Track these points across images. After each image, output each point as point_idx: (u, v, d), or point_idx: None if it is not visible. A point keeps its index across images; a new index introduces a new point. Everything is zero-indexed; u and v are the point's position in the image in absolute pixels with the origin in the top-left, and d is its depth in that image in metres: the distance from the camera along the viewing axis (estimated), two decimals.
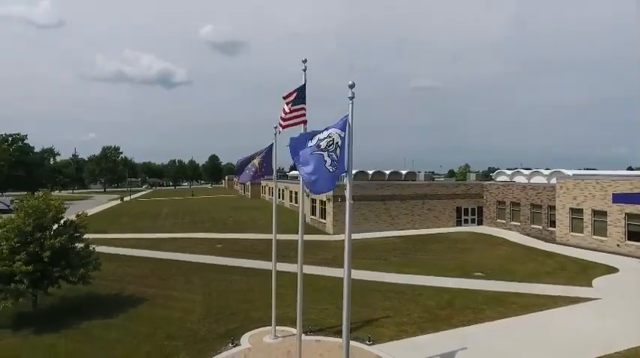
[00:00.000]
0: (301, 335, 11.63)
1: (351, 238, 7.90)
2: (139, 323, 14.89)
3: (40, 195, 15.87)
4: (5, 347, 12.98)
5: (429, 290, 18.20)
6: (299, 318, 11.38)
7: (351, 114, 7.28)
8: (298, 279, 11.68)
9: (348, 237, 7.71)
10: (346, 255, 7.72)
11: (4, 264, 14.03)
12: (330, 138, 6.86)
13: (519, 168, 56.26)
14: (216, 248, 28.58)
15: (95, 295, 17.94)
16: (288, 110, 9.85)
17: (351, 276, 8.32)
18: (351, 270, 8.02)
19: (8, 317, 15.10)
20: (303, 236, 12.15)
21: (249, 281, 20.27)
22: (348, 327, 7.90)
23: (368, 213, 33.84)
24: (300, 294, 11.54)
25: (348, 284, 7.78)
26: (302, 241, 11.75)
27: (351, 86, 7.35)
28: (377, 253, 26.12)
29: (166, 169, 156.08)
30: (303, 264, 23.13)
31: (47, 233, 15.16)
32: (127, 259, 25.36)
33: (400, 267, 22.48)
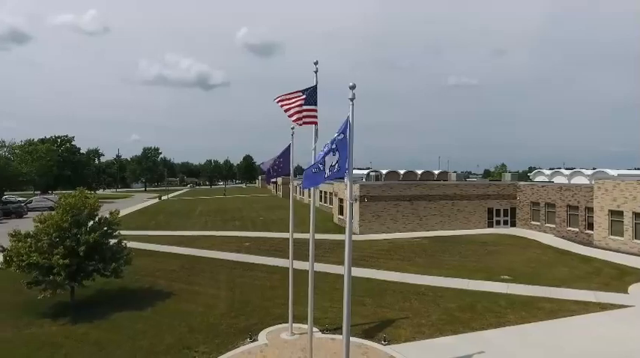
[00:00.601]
0: (312, 332, 11.82)
1: (351, 237, 8.00)
2: (164, 315, 15.61)
3: (76, 193, 16.94)
4: (43, 334, 14.00)
5: (452, 292, 17.91)
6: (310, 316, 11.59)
7: (352, 115, 7.40)
8: (309, 277, 11.90)
9: (349, 237, 7.82)
10: (346, 254, 7.84)
11: (43, 257, 15.10)
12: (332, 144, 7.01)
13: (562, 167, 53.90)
14: (244, 246, 29.30)
15: (128, 288, 18.92)
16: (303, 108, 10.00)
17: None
18: (351, 268, 8.12)
19: (49, 306, 16.24)
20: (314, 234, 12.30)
21: (272, 279, 20.70)
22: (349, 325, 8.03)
23: (395, 214, 33.57)
24: (310, 292, 11.78)
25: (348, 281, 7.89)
26: (313, 239, 11.97)
27: (351, 87, 7.47)
28: (402, 254, 25.90)
29: (203, 169, 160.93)
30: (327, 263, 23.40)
31: (83, 229, 16.16)
32: (159, 255, 26.52)
33: (425, 268, 22.21)
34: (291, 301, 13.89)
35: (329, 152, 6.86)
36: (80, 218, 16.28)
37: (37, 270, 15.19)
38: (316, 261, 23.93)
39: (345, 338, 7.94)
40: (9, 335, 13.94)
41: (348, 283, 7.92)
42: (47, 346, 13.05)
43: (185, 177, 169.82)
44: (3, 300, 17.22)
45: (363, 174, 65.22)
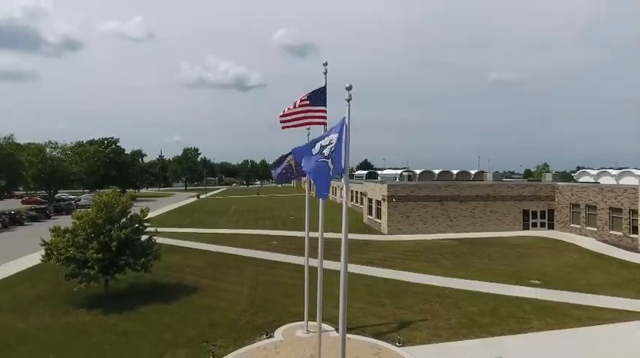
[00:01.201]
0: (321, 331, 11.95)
1: (347, 236, 8.08)
2: (189, 310, 16.28)
3: (109, 192, 18.01)
4: (79, 323, 15.01)
5: (475, 295, 17.45)
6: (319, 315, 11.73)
7: (348, 116, 7.48)
8: (318, 276, 12.05)
9: (345, 236, 7.90)
10: (342, 253, 7.93)
11: (79, 251, 16.20)
12: (331, 145, 7.14)
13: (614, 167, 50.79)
14: (272, 244, 29.85)
15: (158, 283, 19.84)
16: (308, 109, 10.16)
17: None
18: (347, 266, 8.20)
19: (85, 298, 17.36)
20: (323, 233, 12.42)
21: (295, 277, 20.97)
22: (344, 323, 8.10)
23: (424, 214, 32.98)
24: (319, 292, 11.88)
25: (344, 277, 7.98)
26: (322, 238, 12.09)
27: (348, 88, 7.55)
28: (428, 255, 25.46)
29: (240, 169, 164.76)
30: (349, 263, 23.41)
31: (115, 225, 17.17)
32: (190, 251, 27.58)
33: (450, 270, 21.74)
34: (307, 299, 14.08)
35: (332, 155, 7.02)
36: (113, 215, 17.29)
37: (73, 264, 16.31)
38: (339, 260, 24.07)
39: (342, 334, 8.01)
40: (48, 323, 15.06)
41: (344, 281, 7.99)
42: (81, 335, 13.99)
43: (224, 176, 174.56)
44: (44, 291, 18.59)
45: (396, 174, 64.52)
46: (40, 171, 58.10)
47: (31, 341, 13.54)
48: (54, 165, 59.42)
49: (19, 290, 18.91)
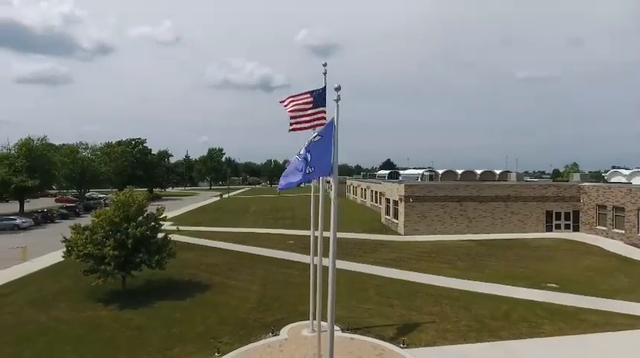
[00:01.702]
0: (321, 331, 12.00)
1: (336, 235, 8.10)
2: (200, 306, 16.67)
3: (126, 191, 18.64)
4: (96, 317, 15.63)
5: (488, 298, 17.09)
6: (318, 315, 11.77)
7: (337, 116, 7.50)
8: (317, 274, 12.07)
9: (333, 234, 7.94)
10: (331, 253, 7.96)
11: (97, 248, 16.86)
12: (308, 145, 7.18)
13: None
14: (288, 243, 30.09)
15: (173, 280, 20.38)
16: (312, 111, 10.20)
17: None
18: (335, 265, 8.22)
19: (104, 293, 18.04)
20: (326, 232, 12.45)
21: (306, 276, 21.04)
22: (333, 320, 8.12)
23: (443, 215, 32.44)
24: (318, 291, 11.90)
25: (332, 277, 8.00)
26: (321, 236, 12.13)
27: (337, 89, 7.59)
28: (444, 257, 25.06)
29: (264, 169, 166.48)
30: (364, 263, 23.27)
31: (131, 223, 17.75)
32: (207, 250, 28.16)
33: (465, 271, 21.35)
34: (312, 299, 14.15)
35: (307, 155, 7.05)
36: (129, 214, 17.88)
37: (92, 260, 16.99)
38: (354, 260, 24.11)
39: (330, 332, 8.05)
40: (68, 317, 15.75)
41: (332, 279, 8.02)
42: (97, 328, 14.57)
43: (248, 176, 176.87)
44: (67, 286, 19.43)
45: (418, 173, 63.82)
46: (71, 171, 60.55)
47: (51, 334, 14.19)
48: (84, 165, 61.80)
49: (43, 285, 19.83)
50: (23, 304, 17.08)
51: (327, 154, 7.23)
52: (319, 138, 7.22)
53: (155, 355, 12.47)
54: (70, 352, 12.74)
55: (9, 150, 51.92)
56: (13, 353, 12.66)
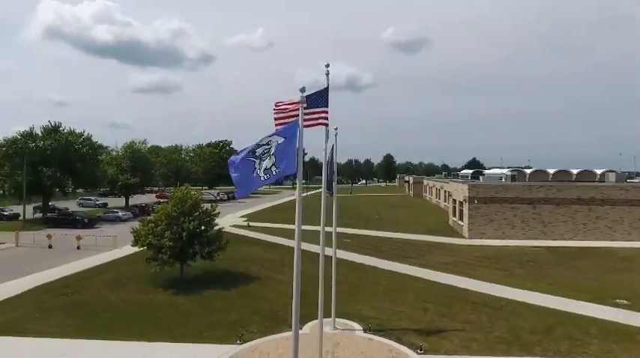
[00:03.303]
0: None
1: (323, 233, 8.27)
2: (241, 297, 17.87)
3: (183, 188, 20.67)
4: (153, 300, 17.65)
5: (535, 310, 15.63)
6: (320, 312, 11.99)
7: (301, 119, 7.72)
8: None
9: (324, 232, 8.15)
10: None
11: (156, 239, 19.02)
12: (267, 146, 7.47)
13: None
14: (344, 242, 30.35)
15: (227, 271, 22.01)
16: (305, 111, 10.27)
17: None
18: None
19: (165, 279, 20.20)
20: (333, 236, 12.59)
21: (350, 275, 21.32)
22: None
23: (512, 218, 29.94)
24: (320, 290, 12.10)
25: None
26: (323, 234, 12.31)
27: (301, 90, 7.81)
28: (503, 263, 23.25)
29: (344, 168, 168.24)
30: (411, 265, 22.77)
31: (187, 218, 19.65)
32: (267, 245, 29.72)
33: (521, 280, 19.66)
34: (334, 297, 14.42)
35: (264, 149, 7.34)
36: (185, 209, 19.82)
37: (152, 249, 19.22)
38: (404, 262, 23.61)
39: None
40: (132, 298, 18.05)
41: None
42: (152, 310, 16.47)
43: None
44: (139, 271, 22.06)
45: (500, 173, 59.72)
46: (167, 170, 68.10)
47: (114, 311, 16.44)
48: (178, 166, 68.98)
49: (121, 270, 22.84)
50: (100, 285, 19.91)
51: (292, 155, 7.49)
52: (283, 140, 7.52)
53: (187, 336, 13.78)
54: (124, 327, 14.64)
55: (117, 153, 60.19)
56: (79, 325, 14.96)
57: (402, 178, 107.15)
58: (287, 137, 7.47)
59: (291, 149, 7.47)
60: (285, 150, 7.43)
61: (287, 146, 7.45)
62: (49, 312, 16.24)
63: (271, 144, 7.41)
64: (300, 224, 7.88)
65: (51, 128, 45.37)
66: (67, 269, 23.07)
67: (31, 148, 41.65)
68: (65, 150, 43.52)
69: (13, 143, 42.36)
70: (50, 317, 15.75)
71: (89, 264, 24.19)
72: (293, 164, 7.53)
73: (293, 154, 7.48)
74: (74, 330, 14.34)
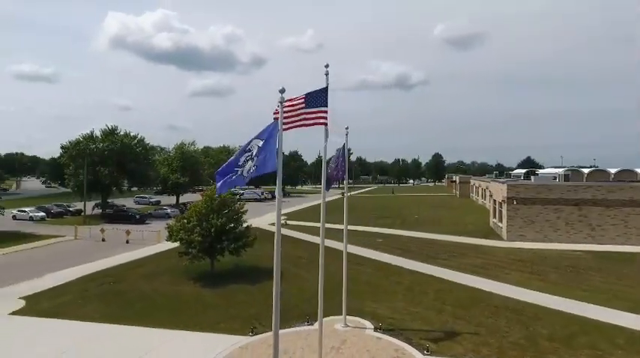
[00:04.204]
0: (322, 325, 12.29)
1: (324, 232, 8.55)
2: (263, 292, 18.44)
3: (212, 187, 21.72)
4: (182, 291, 18.77)
5: (560, 317, 14.81)
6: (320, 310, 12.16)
7: (281, 118, 8.03)
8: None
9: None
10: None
11: (187, 234, 20.20)
12: (249, 152, 7.84)
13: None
14: (376, 242, 30.31)
15: (255, 267, 22.81)
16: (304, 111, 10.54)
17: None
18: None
19: (197, 273, 21.36)
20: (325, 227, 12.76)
21: (374, 275, 21.33)
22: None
23: (556, 220, 28.19)
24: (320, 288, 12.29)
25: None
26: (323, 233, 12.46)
27: (281, 91, 8.12)
28: (537, 267, 22.06)
29: (392, 168, 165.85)
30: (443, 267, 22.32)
31: (215, 215, 20.67)
32: (300, 242, 30.37)
33: (553, 286, 18.61)
34: (345, 294, 14.60)
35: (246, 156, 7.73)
36: (213, 206, 20.86)
37: (184, 244, 20.45)
38: (433, 263, 23.18)
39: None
40: (164, 289, 19.32)
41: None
42: (179, 300, 17.55)
43: (378, 175, 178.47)
44: (174, 265, 23.49)
45: (555, 173, 56.62)
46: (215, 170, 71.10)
47: (147, 300, 17.72)
48: None
49: (159, 263, 24.44)
50: (138, 277, 21.47)
51: (272, 154, 7.83)
52: (262, 142, 7.87)
53: (205, 326, 14.59)
54: (153, 315, 15.76)
55: (169, 153, 63.93)
56: (114, 312, 16.30)
57: (449, 178, 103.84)
58: (265, 138, 7.83)
59: (270, 148, 7.83)
60: (264, 149, 7.79)
61: (266, 146, 7.82)
62: (90, 299, 17.86)
63: (252, 150, 7.80)
64: (280, 221, 8.19)
65: (108, 131, 49.22)
66: (113, 261, 25.08)
67: (92, 150, 45.48)
68: (121, 151, 47.02)
69: (76, 145, 46.50)
70: (91, 303, 17.32)
71: (133, 257, 26.11)
72: (273, 162, 7.88)
73: (272, 153, 7.83)
74: (109, 316, 15.67)
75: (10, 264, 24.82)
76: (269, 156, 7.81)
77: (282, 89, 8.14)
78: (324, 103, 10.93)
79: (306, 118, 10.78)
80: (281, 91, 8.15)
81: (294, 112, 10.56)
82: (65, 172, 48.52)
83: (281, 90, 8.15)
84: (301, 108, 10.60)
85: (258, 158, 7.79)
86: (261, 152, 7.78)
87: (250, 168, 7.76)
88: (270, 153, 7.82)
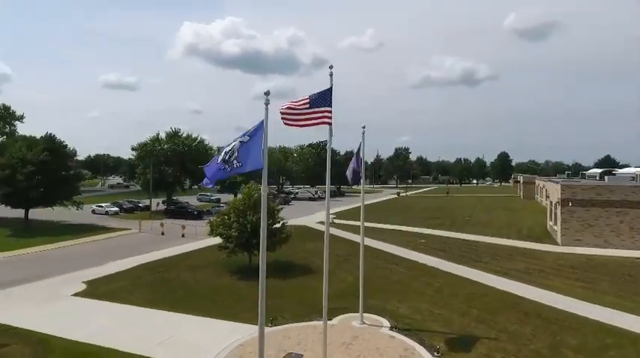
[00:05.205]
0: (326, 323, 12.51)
1: (363, 226, 8.99)
2: (293, 287, 19.19)
3: (249, 185, 22.85)
4: (219, 282, 20.00)
5: (596, 327, 13.76)
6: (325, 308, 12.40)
7: (266, 118, 8.52)
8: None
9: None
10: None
11: (225, 229, 21.50)
12: (231, 150, 8.43)
13: None
14: (418, 242, 29.76)
15: (292, 263, 23.61)
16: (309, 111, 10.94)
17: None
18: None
19: (237, 266, 22.57)
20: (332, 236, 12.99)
21: (406, 275, 21.14)
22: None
23: (619, 225, 25.65)
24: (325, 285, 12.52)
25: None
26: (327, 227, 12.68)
27: (266, 93, 8.60)
28: (589, 275, 20.36)
29: (454, 167, 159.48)
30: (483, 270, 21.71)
31: (251, 212, 21.76)
32: (340, 241, 30.65)
33: (600, 295, 17.18)
34: (362, 293, 14.79)
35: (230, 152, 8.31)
36: (249, 203, 21.98)
37: (223, 239, 21.79)
38: (473, 266, 22.45)
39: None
40: (204, 279, 20.77)
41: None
42: (215, 290, 18.79)
43: (440, 175, 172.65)
44: (218, 258, 24.87)
45: (634, 172, 51.87)
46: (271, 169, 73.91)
47: (187, 289, 19.20)
48: (280, 165, 74.18)
49: (205, 255, 26.14)
50: (184, 268, 23.21)
51: (257, 151, 8.36)
52: (248, 139, 8.41)
53: (231, 315, 15.56)
54: (189, 302, 17.00)
55: None
56: (157, 298, 17.90)
57: (515, 178, 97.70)
58: (252, 136, 8.40)
59: (256, 147, 8.38)
60: (251, 147, 8.37)
61: (252, 144, 8.38)
62: (139, 286, 19.74)
63: (236, 147, 8.41)
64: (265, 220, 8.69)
65: (172, 133, 53.24)
66: (167, 252, 27.31)
67: (157, 151, 49.53)
68: (183, 152, 50.66)
69: (144, 146, 50.91)
70: (139, 289, 19.15)
71: (184, 250, 28.23)
72: (259, 160, 8.44)
73: (259, 151, 8.39)
74: (151, 301, 17.25)
75: (83, 252, 28.06)
76: (256, 154, 8.36)
77: (267, 91, 8.65)
78: (328, 103, 11.26)
79: (312, 118, 11.19)
80: (266, 94, 8.67)
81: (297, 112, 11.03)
82: (135, 171, 53.30)
83: (266, 92, 8.67)
84: (306, 109, 11.03)
85: (239, 153, 8.37)
86: (247, 149, 8.35)
87: (233, 162, 8.36)
88: (257, 151, 8.37)
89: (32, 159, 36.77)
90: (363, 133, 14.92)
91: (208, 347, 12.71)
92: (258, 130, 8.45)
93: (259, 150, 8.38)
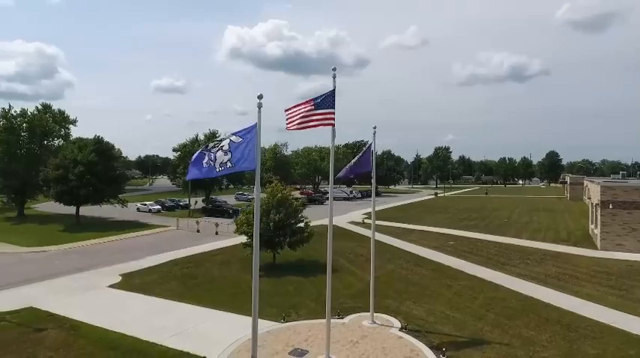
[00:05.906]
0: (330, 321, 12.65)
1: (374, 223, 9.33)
2: (313, 285, 19.51)
3: (273, 185, 23.45)
4: (242, 278, 20.71)
5: (620, 337, 13.06)
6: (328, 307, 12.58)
7: (259, 120, 8.88)
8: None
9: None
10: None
11: (250, 227, 22.20)
12: (219, 142, 8.85)
13: None
14: (446, 244, 29.18)
15: (316, 261, 23.86)
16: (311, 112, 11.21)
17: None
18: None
19: (263, 264, 23.14)
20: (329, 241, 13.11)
21: (427, 276, 20.90)
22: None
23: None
24: (328, 286, 12.70)
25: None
26: (331, 227, 12.84)
27: (259, 97, 8.97)
28: (626, 281, 19.17)
29: (498, 167, 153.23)
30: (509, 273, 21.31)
31: (274, 211, 22.36)
32: (365, 240, 30.58)
33: (634, 303, 16.16)
34: (372, 293, 14.88)
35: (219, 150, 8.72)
36: (272, 202, 22.59)
37: (247, 237, 22.56)
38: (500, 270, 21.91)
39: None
40: (229, 274, 21.60)
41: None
42: (237, 286, 19.51)
43: (483, 175, 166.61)
44: (242, 255, 25.58)
45: None
46: (307, 169, 74.71)
47: (213, 284, 20.10)
48: (315, 165, 74.92)
49: (236, 252, 26.96)
50: (214, 263, 24.22)
51: (251, 152, 8.73)
52: (241, 140, 8.80)
53: (246, 309, 16.06)
54: (213, 297, 17.81)
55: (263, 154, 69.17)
56: (184, 291, 18.89)
57: (562, 178, 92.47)
58: (245, 138, 8.81)
59: (250, 149, 8.79)
60: (244, 149, 8.78)
61: (246, 146, 8.78)
62: (170, 279, 20.90)
63: (223, 142, 8.83)
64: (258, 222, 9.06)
65: (210, 134, 55.38)
66: (200, 248, 28.59)
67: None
68: None
69: (184, 147, 53.34)
70: (169, 283, 20.29)
71: (216, 246, 29.42)
72: (252, 162, 8.85)
73: (252, 153, 8.79)
74: (178, 294, 18.25)
75: (123, 247, 30.01)
76: (251, 155, 8.77)
77: (260, 95, 9.04)
78: (331, 105, 11.49)
79: (314, 119, 11.47)
80: (259, 97, 9.05)
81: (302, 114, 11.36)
82: (176, 171, 55.98)
83: (259, 96, 9.05)
84: (309, 110, 11.33)
85: (232, 154, 8.78)
86: (239, 150, 8.77)
87: (226, 163, 8.78)
88: (250, 152, 8.78)
89: (82, 160, 39.69)
90: (374, 134, 15.00)
91: (221, 339, 13.35)
92: (251, 132, 8.86)
93: (253, 152, 8.78)
